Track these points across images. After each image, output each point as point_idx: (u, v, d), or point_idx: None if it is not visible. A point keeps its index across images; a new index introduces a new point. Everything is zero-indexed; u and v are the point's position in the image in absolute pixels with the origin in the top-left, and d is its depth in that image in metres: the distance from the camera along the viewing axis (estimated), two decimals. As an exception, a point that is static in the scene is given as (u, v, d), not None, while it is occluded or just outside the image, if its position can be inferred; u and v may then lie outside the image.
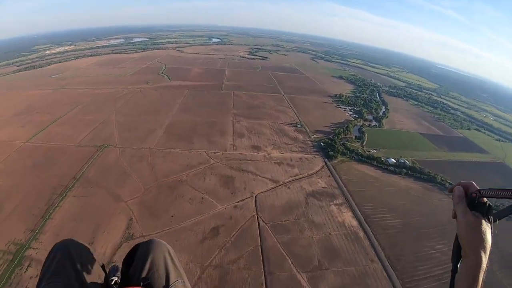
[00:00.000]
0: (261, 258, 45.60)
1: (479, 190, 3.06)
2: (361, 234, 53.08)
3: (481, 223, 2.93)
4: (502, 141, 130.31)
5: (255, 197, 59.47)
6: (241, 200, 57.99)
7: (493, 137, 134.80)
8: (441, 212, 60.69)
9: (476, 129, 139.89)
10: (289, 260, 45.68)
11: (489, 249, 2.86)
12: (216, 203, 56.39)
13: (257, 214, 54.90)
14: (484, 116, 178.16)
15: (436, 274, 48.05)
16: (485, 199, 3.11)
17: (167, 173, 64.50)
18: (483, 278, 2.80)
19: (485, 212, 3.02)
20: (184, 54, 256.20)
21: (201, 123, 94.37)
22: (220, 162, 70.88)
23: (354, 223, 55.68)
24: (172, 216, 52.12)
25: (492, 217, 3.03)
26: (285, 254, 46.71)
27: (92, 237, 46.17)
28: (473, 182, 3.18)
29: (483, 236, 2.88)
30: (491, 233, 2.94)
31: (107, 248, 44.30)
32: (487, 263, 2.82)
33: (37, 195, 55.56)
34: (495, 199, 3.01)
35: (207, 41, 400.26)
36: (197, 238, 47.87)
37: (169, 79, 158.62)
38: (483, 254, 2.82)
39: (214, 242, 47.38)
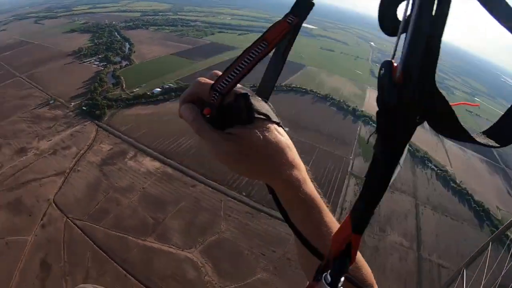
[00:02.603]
0: (105, 254, 41.90)
1: (214, 89, 1.45)
2: (169, 170, 55.03)
3: (250, 139, 1.42)
4: (245, 34, 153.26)
5: (54, 202, 51.55)
6: (43, 216, 48.93)
7: (236, 33, 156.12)
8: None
9: (219, 32, 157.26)
10: (129, 237, 43.83)
11: (289, 154, 1.50)
12: (23, 237, 45.53)
13: (67, 218, 48.29)
14: (222, 19, 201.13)
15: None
16: (236, 92, 1.52)
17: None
18: (311, 191, 1.62)
19: (246, 114, 1.47)
20: None
21: None
22: (-5, 191, 58.05)
23: (157, 164, 56.69)
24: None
25: (258, 111, 1.51)
26: (121, 234, 44.29)
27: None
28: (201, 79, 1.69)
29: (268, 152, 1.44)
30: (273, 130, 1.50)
31: None
32: (306, 168, 1.65)
33: None
34: None
35: None
36: (36, 287, 38.82)
37: None
38: (287, 172, 1.51)
39: (54, 276, 39.69)
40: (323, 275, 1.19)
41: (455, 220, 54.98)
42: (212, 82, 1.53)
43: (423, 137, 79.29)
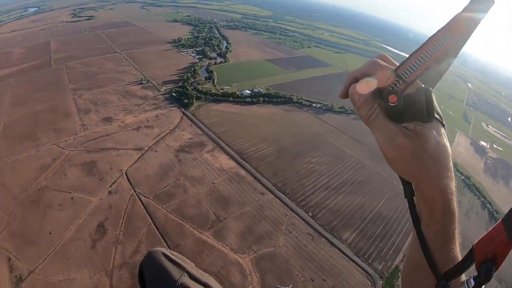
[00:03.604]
0: (160, 235, 43.23)
1: (398, 75, 1.41)
2: (242, 172, 54.97)
3: (427, 140, 1.41)
4: (341, 53, 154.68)
5: (126, 173, 54.74)
6: (113, 183, 52.34)
7: (333, 50, 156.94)
8: (306, 128, 68.01)
9: (316, 46, 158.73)
10: (187, 225, 44.62)
11: (450, 163, 1.51)
12: (88, 197, 49.53)
13: (134, 191, 50.86)
14: (321, 34, 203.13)
15: (322, 184, 53.90)
16: (414, 83, 1.43)
17: (24, 185, 52.90)
18: (456, 205, 1.60)
19: (426, 111, 1.39)
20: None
21: (41, 112, 79.75)
22: (75, 149, 62.19)
23: (232, 163, 57.04)
24: (50, 233, 43.86)
25: (436, 111, 1.44)
26: (180, 221, 45.32)
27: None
28: (379, 60, 1.59)
29: (437, 156, 1.45)
30: (443, 134, 1.48)
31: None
32: (455, 182, 1.56)
33: None
34: None
35: (23, 14, 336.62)
36: (87, 245, 41.74)
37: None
38: (445, 181, 1.49)
39: (106, 241, 42.23)
40: (466, 280, 1.26)
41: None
42: (391, 68, 1.48)
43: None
